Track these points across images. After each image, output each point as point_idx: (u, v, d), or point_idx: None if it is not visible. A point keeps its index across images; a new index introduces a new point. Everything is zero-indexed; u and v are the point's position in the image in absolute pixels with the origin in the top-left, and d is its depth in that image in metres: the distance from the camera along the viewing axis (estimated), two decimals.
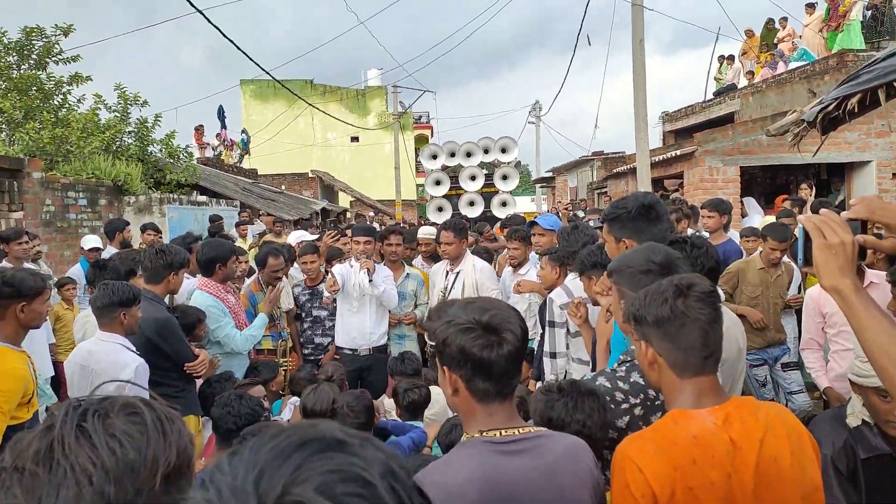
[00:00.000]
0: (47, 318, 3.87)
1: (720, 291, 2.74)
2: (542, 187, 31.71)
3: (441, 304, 1.57)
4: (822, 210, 1.38)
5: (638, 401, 1.92)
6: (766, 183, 12.61)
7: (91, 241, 6.94)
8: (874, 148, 10.55)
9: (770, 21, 16.27)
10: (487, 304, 1.49)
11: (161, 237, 8.11)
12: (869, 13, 13.64)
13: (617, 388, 1.95)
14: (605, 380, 2.01)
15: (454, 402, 1.53)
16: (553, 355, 3.58)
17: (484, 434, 1.47)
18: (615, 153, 19.85)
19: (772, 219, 7.16)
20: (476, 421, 1.50)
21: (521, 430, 1.50)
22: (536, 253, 5.08)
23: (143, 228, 7.84)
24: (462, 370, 1.46)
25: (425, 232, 6.69)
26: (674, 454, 1.48)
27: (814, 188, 10.54)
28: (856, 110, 2.53)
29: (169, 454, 0.85)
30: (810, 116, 2.78)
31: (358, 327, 5.02)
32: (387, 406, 3.99)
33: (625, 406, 1.92)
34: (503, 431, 1.48)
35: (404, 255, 5.76)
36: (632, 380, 1.96)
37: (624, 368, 2.02)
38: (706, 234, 5.39)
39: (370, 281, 4.87)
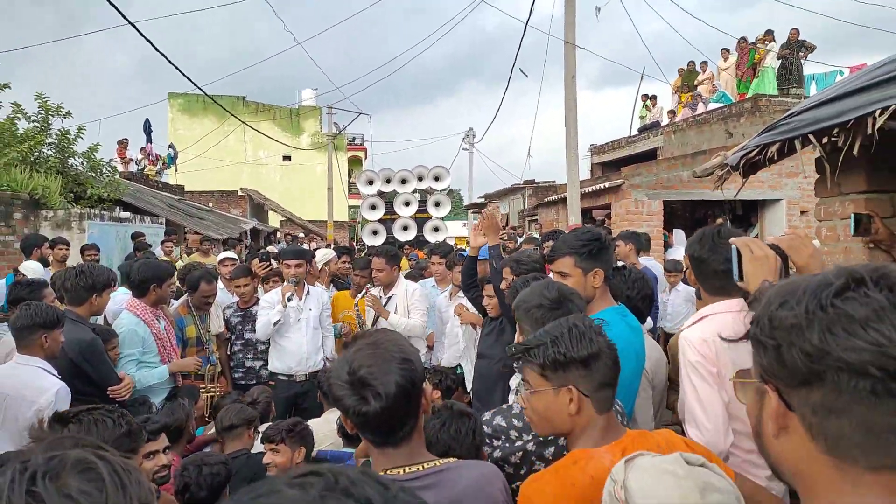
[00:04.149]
0: None
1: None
2: (473, 212, 32.13)
3: (341, 354, 1.54)
4: (746, 237, 1.57)
5: (530, 437, 1.97)
6: (685, 216, 13.26)
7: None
8: (784, 187, 11.31)
9: (691, 63, 17.26)
10: (368, 357, 1.44)
11: (95, 254, 7.74)
12: (779, 62, 14.70)
13: (512, 427, 2.00)
14: (502, 418, 2.04)
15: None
16: None
17: (388, 472, 1.46)
18: (546, 182, 20.41)
19: None
20: (377, 463, 1.50)
21: (425, 465, 1.48)
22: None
23: (54, 243, 7.54)
24: (348, 420, 1.48)
25: (321, 255, 6.69)
26: (573, 495, 1.51)
27: (729, 222, 11.17)
28: (775, 157, 2.76)
29: None
30: (733, 161, 3.00)
31: (294, 352, 4.94)
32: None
33: (519, 443, 1.97)
34: (406, 469, 1.46)
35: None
36: (525, 417, 1.97)
37: (519, 406, 2.04)
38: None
39: (289, 300, 4.84)
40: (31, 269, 6.50)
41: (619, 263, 5.47)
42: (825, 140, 2.53)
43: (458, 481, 1.49)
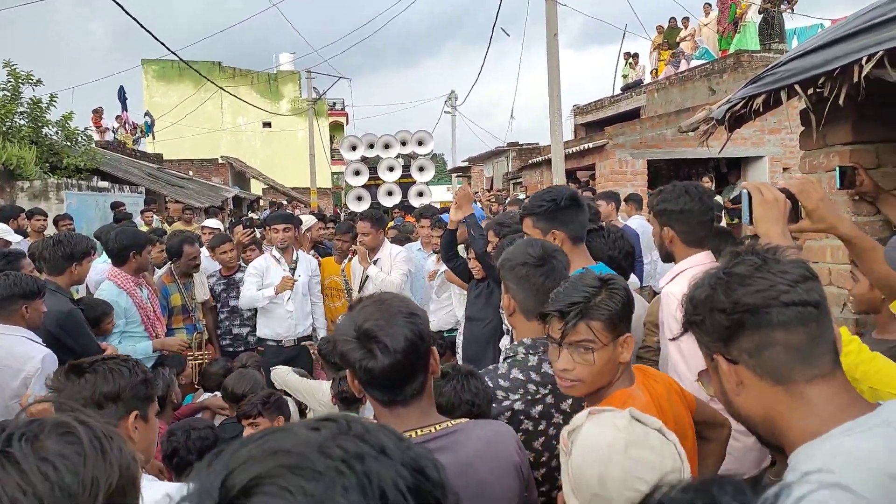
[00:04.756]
0: None
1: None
2: (458, 177, 31.97)
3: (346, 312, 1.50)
4: (757, 182, 1.60)
5: (518, 396, 1.97)
6: (670, 175, 13.26)
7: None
8: (767, 144, 11.33)
9: (672, 19, 17.04)
10: (374, 312, 1.41)
11: (70, 224, 7.64)
12: (761, 17, 14.58)
13: (498, 388, 1.99)
14: (488, 380, 2.04)
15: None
16: None
17: None
18: (530, 144, 20.31)
19: None
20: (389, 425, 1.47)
21: (438, 426, 1.44)
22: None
23: (31, 214, 7.44)
24: (355, 378, 1.44)
25: (305, 221, 6.62)
26: None
27: (713, 181, 11.20)
28: (760, 109, 2.74)
29: (110, 474, 0.78)
30: (719, 114, 2.97)
31: (283, 318, 4.94)
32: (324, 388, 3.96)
33: (506, 403, 1.97)
34: (418, 431, 1.42)
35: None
36: (511, 376, 1.99)
37: (505, 365, 2.05)
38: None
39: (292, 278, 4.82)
40: (4, 229, 6.37)
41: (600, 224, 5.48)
42: (811, 91, 2.51)
43: (471, 442, 1.47)
